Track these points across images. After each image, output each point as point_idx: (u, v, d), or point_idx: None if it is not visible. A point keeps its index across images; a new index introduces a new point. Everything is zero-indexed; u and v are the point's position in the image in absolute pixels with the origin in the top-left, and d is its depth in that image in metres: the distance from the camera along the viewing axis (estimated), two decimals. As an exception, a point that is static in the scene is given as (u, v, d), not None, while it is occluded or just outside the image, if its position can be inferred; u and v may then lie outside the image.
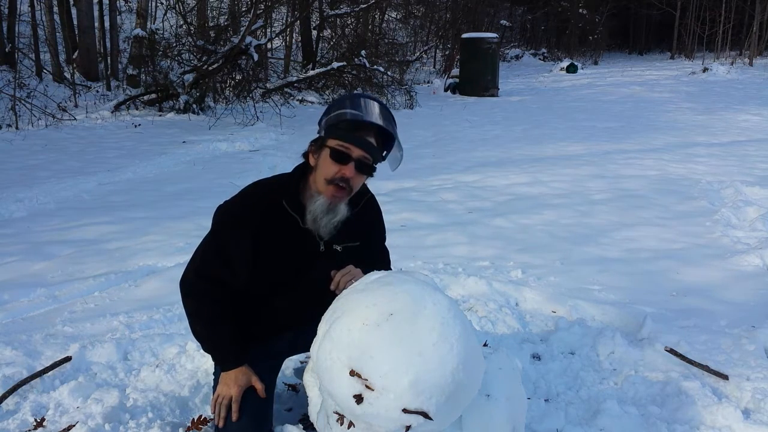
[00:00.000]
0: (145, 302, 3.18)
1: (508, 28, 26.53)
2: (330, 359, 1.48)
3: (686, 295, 3.32)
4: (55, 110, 9.50)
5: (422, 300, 1.48)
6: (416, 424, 1.42)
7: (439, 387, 1.41)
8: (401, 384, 1.39)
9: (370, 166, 1.79)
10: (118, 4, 13.95)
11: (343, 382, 1.44)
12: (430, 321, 1.46)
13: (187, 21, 12.33)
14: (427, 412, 1.41)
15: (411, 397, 1.39)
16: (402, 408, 1.39)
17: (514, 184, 6.02)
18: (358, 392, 1.42)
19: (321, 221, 1.80)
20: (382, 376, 1.40)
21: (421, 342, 1.43)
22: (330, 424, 1.61)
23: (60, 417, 2.19)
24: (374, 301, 1.50)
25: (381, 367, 1.41)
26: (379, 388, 1.40)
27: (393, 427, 1.42)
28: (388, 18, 19.77)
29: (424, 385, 1.39)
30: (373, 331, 1.44)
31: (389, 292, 1.51)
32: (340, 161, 1.75)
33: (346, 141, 1.74)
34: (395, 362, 1.40)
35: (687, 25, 27.01)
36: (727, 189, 5.43)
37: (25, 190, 5.47)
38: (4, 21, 11.84)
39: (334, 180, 1.76)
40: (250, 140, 8.44)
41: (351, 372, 1.43)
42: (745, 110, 11.22)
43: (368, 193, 1.99)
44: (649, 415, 2.20)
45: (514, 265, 3.72)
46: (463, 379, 1.46)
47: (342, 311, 1.53)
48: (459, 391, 1.46)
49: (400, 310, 1.46)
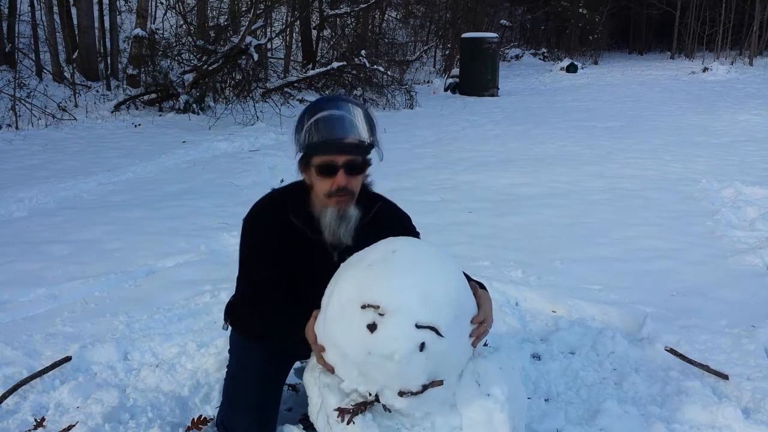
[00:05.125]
0: (145, 302, 3.17)
1: (508, 28, 26.51)
2: (340, 305, 1.54)
3: (686, 295, 3.32)
4: (55, 110, 9.49)
5: (422, 242, 1.68)
6: (429, 341, 1.46)
7: (447, 302, 1.50)
8: (411, 300, 1.46)
9: (360, 163, 1.79)
10: (118, 4, 13.94)
11: (355, 322, 1.50)
12: (431, 252, 1.60)
13: (187, 21, 12.32)
14: (437, 327, 1.46)
15: (422, 311, 1.46)
16: (415, 323, 1.45)
17: (514, 184, 6.02)
18: (371, 321, 1.47)
19: (339, 231, 1.81)
20: (392, 297, 1.47)
21: (426, 265, 1.55)
22: (330, 424, 1.61)
23: (60, 417, 2.19)
24: (375, 249, 1.62)
25: (390, 289, 1.49)
26: (391, 309, 1.46)
27: (407, 346, 1.46)
28: (388, 18, 19.75)
29: (432, 299, 1.48)
30: (379, 265, 1.54)
31: (389, 241, 1.64)
32: (329, 174, 1.76)
33: (325, 154, 1.74)
34: (403, 282, 1.49)
35: (687, 25, 27.00)
36: (727, 189, 5.43)
37: (25, 190, 5.47)
38: (4, 21, 11.83)
39: (331, 192, 1.77)
40: (250, 140, 8.43)
41: (362, 306, 1.49)
42: (745, 110, 11.21)
43: (379, 200, 1.97)
44: (649, 415, 2.20)
45: (514, 265, 3.71)
46: (465, 302, 1.57)
47: (346, 267, 1.63)
48: (463, 313, 1.56)
49: (402, 248, 1.59)
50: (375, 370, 1.51)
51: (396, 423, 1.59)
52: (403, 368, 1.47)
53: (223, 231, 4.26)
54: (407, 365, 1.47)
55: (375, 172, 1.90)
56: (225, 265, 3.63)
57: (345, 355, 1.55)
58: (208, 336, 2.74)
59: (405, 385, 1.51)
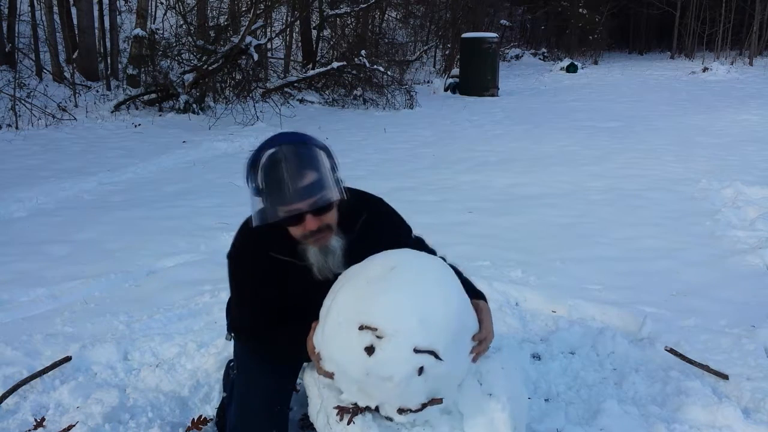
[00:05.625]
0: (145, 302, 3.18)
1: (508, 27, 26.50)
2: (338, 323, 1.52)
3: (686, 295, 3.32)
4: (55, 110, 9.49)
5: (421, 256, 1.64)
6: (428, 366, 1.45)
7: (446, 325, 1.48)
8: (410, 324, 1.44)
9: (325, 203, 1.63)
10: (118, 4, 13.93)
11: (353, 341, 1.47)
12: (431, 269, 1.58)
13: (187, 21, 12.32)
14: (436, 351, 1.45)
15: (421, 335, 1.44)
16: (413, 347, 1.43)
17: (514, 184, 6.02)
18: (368, 344, 1.45)
19: (326, 266, 1.74)
20: (390, 320, 1.45)
21: (425, 284, 1.52)
22: (330, 424, 1.61)
23: (60, 417, 2.19)
24: (374, 263, 1.58)
25: (388, 311, 1.46)
26: (390, 333, 1.44)
27: (406, 370, 1.44)
28: (388, 18, 19.74)
29: (431, 322, 1.45)
30: (378, 282, 1.51)
31: (388, 254, 1.61)
32: (297, 223, 1.65)
33: (285, 205, 1.61)
34: (402, 304, 1.46)
35: (687, 25, 26.99)
36: (727, 189, 5.42)
37: (25, 190, 5.47)
38: (4, 21, 11.83)
39: (306, 236, 1.68)
40: (250, 140, 8.42)
41: (360, 327, 1.46)
42: (745, 110, 11.20)
43: (364, 209, 1.83)
44: (649, 415, 2.20)
45: (514, 265, 3.71)
46: (466, 320, 1.56)
47: (344, 280, 1.60)
48: (463, 332, 1.54)
49: (402, 263, 1.56)
50: (374, 389, 1.51)
51: (396, 423, 1.60)
52: (402, 390, 1.46)
53: (223, 231, 4.26)
54: (406, 387, 1.46)
55: (376, 172, 1.90)
56: (225, 265, 3.61)
57: (344, 372, 1.54)
58: (208, 336, 2.74)
59: (404, 404, 1.51)
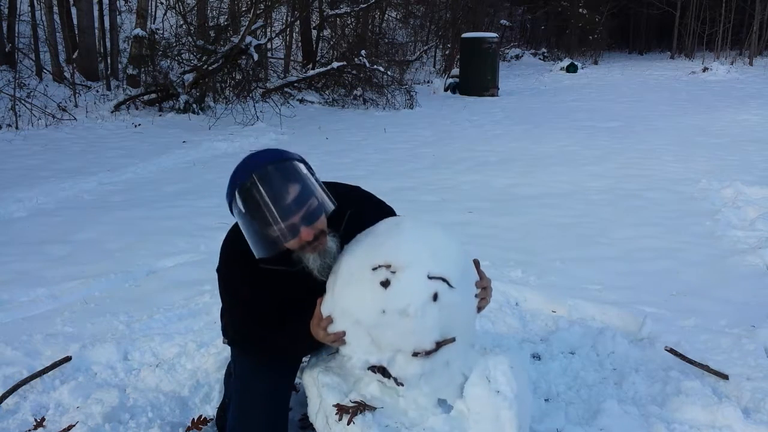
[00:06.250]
0: (145, 302, 3.18)
1: (508, 27, 26.50)
2: (350, 274, 1.60)
3: (686, 295, 3.32)
4: (55, 110, 9.49)
5: (421, 215, 1.78)
6: (442, 291, 1.54)
7: (454, 257, 1.62)
8: (422, 254, 1.56)
9: (316, 206, 1.62)
10: (118, 4, 13.93)
11: (367, 283, 1.55)
12: (433, 222, 1.76)
13: (187, 21, 12.32)
14: (448, 279, 1.55)
15: (433, 263, 1.55)
16: (426, 274, 1.53)
17: (514, 184, 6.02)
18: (383, 278, 1.53)
19: (326, 264, 1.72)
20: (403, 253, 1.56)
21: (432, 229, 1.68)
22: (329, 423, 1.61)
23: (60, 417, 2.19)
24: (377, 226, 1.71)
25: (400, 248, 1.57)
26: (403, 264, 1.54)
27: (421, 297, 1.52)
28: (388, 18, 19.73)
29: (442, 255, 1.59)
30: (387, 231, 1.65)
31: (388, 219, 1.75)
32: (293, 237, 1.61)
33: (277, 224, 1.59)
34: (413, 242, 1.59)
35: (687, 25, 26.99)
36: (727, 189, 5.42)
37: (25, 190, 5.47)
38: (4, 21, 11.83)
39: (303, 246, 1.66)
40: (250, 140, 8.44)
41: (374, 268, 1.55)
42: (745, 110, 11.20)
43: (348, 204, 1.80)
44: (649, 415, 2.20)
45: (514, 265, 3.71)
46: (469, 263, 1.71)
47: (350, 246, 1.70)
48: (469, 269, 1.68)
49: (405, 220, 1.72)
50: (389, 330, 1.55)
51: (396, 423, 1.60)
52: (417, 323, 1.51)
53: (223, 231, 4.22)
54: (422, 318, 1.51)
55: (376, 172, 1.90)
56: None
57: (357, 321, 1.58)
58: (208, 336, 2.74)
59: (419, 344, 1.55)
